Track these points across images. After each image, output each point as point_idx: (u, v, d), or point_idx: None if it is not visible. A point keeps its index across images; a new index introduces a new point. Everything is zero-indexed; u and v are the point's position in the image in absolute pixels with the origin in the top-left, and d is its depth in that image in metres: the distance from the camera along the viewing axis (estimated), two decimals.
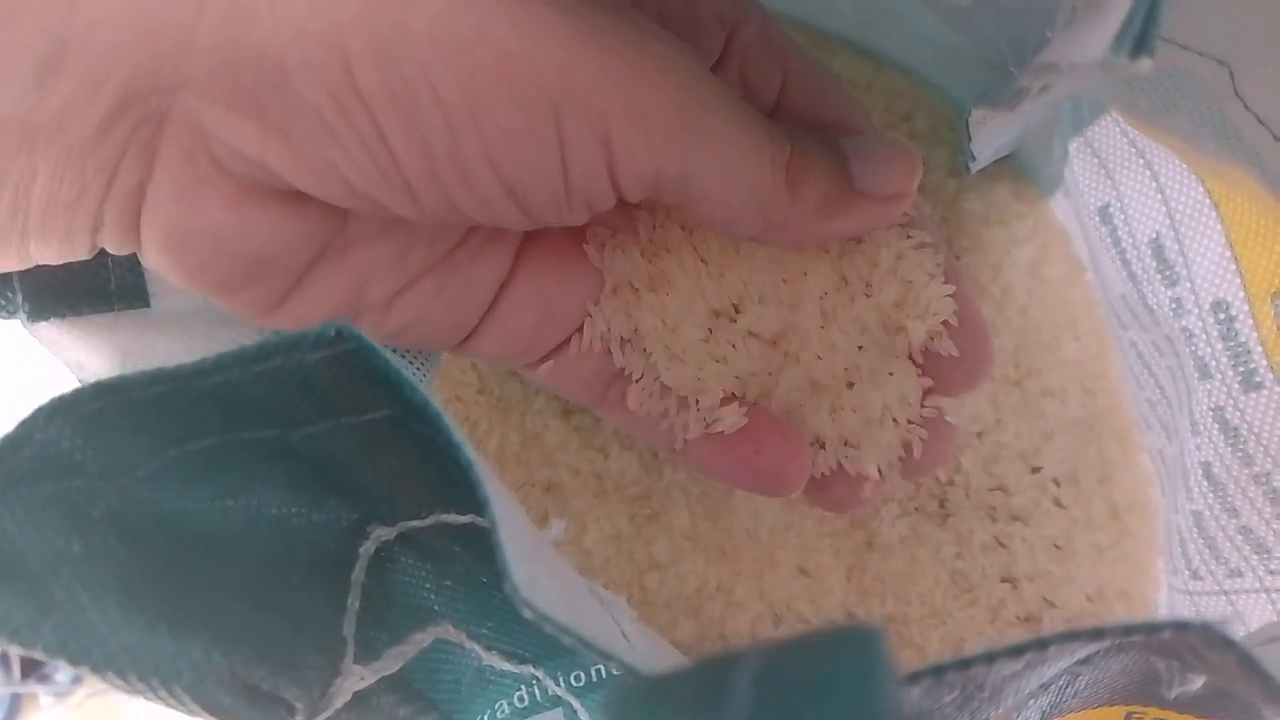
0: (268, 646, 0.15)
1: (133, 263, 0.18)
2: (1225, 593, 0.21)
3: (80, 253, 0.15)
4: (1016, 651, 0.10)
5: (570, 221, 0.16)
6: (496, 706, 0.21)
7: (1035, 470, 0.25)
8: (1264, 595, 0.20)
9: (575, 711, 0.21)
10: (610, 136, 0.14)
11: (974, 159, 0.22)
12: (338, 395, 0.14)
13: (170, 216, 0.15)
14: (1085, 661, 0.14)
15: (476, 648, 0.19)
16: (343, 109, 0.14)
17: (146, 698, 0.14)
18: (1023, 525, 0.25)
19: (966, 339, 0.20)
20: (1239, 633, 0.18)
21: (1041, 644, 0.10)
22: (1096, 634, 0.10)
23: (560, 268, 0.20)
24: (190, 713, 0.14)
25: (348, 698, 0.15)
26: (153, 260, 0.15)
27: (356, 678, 0.16)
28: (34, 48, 0.13)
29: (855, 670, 0.07)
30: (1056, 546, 0.25)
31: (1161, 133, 0.17)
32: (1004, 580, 0.25)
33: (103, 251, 0.15)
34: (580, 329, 0.20)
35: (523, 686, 0.21)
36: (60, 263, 0.15)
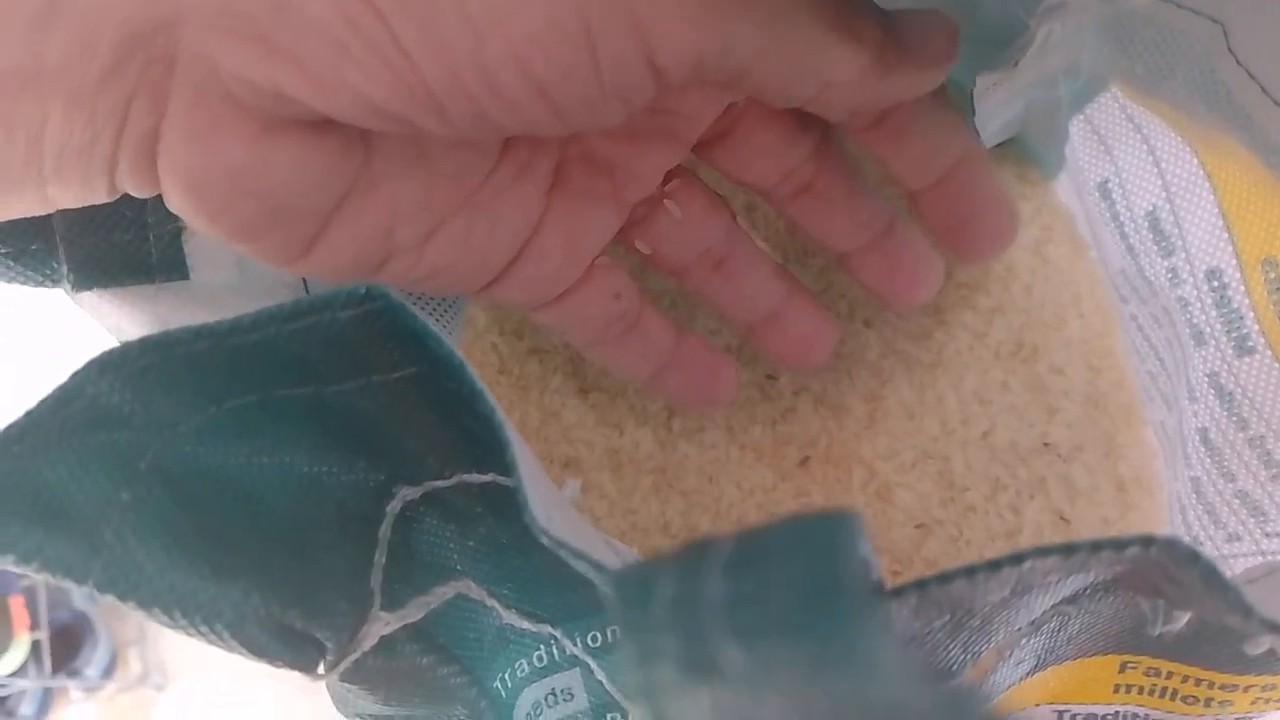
0: (301, 592, 0.16)
1: (173, 236, 0.19)
2: (1224, 558, 0.22)
3: (100, 195, 0.15)
4: (994, 567, 0.10)
5: (607, 120, 0.16)
6: (516, 665, 0.22)
7: (1042, 445, 0.26)
8: (1260, 559, 0.21)
9: (592, 671, 0.22)
10: (641, 19, 0.14)
11: (978, 135, 0.23)
12: (368, 352, 0.15)
13: (187, 158, 0.14)
14: (1073, 601, 0.14)
15: (497, 606, 0.20)
16: (351, 20, 0.13)
17: (189, 634, 0.15)
18: (1029, 499, 0.25)
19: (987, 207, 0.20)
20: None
21: (1017, 559, 0.10)
22: (1068, 549, 0.10)
23: (585, 211, 0.19)
24: (229, 649, 0.15)
25: (374, 641, 0.16)
26: (175, 204, 0.15)
27: (382, 623, 0.17)
28: None
29: (824, 551, 0.07)
30: (1063, 519, 0.25)
31: (1156, 101, 0.18)
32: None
33: (145, 224, 0.16)
34: (591, 267, 0.20)
35: (541, 646, 0.22)
36: (82, 205, 0.15)
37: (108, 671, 0.98)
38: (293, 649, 0.15)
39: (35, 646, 0.93)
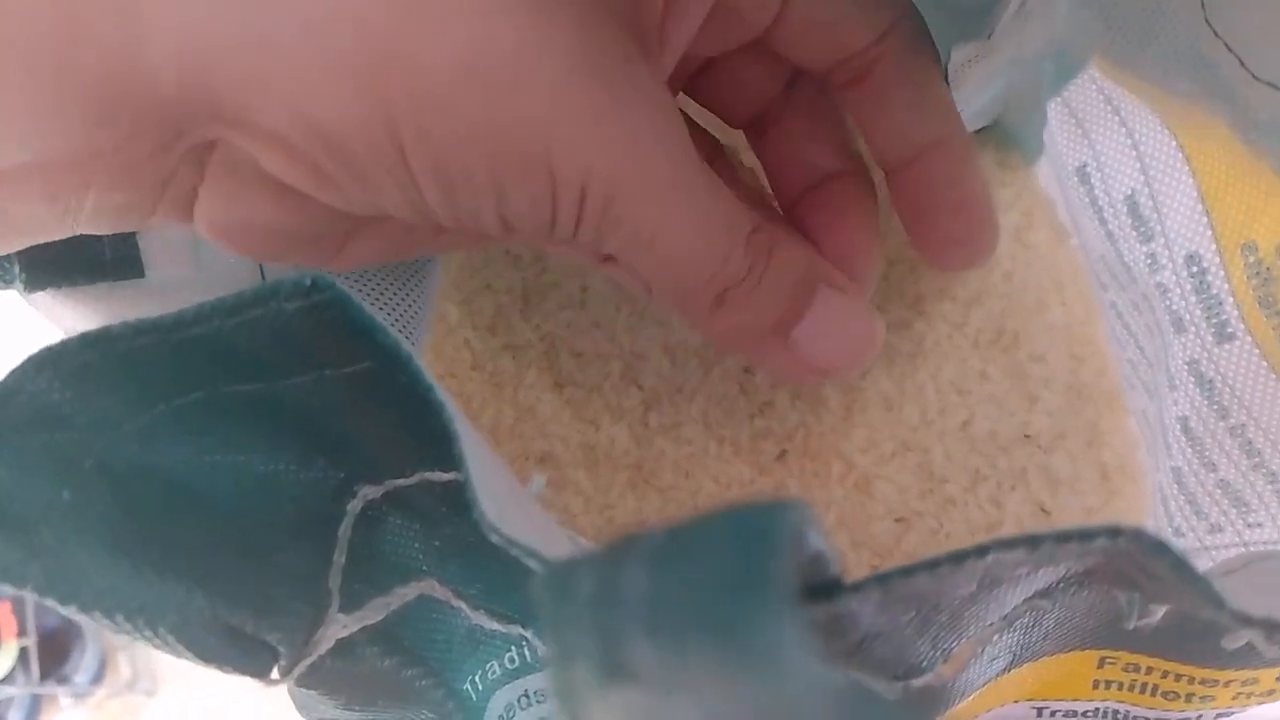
0: (252, 594, 0.15)
1: (127, 234, 0.19)
2: (1206, 549, 0.22)
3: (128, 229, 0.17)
4: (956, 559, 0.10)
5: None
6: (487, 667, 0.21)
7: (1023, 435, 0.25)
8: (1243, 549, 0.21)
9: None
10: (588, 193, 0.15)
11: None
12: (318, 346, 0.14)
13: (224, 214, 0.16)
14: (1046, 595, 0.14)
15: (464, 606, 0.19)
16: (393, 178, 0.15)
17: (133, 638, 0.14)
18: (1010, 490, 0.25)
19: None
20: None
21: (980, 551, 0.10)
22: (1032, 541, 0.10)
23: None
24: (176, 653, 0.14)
25: (331, 644, 0.16)
26: (203, 236, 0.16)
27: (340, 625, 0.16)
28: (93, 97, 0.13)
29: (753, 545, 0.07)
30: (1044, 510, 0.25)
31: (1135, 77, 0.17)
32: None
33: None
34: None
35: (513, 647, 0.21)
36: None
37: (97, 677, 0.97)
38: (242, 652, 0.15)
39: (23, 653, 0.92)
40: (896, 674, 0.14)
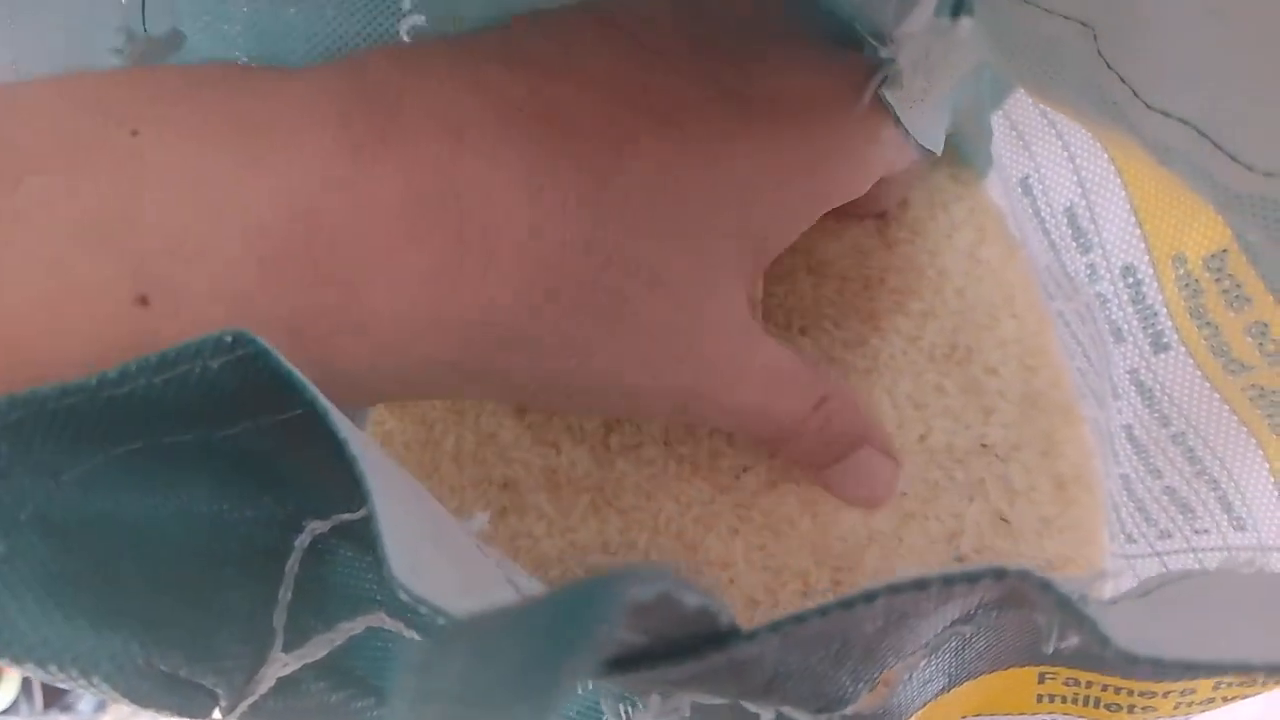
0: (188, 638, 0.16)
1: None
2: (1158, 554, 0.22)
3: None
4: (846, 604, 0.10)
5: None
6: None
7: (979, 447, 0.26)
8: (1191, 555, 0.21)
9: None
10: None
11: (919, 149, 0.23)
12: (249, 398, 0.15)
13: None
14: (968, 620, 0.14)
15: (415, 635, 0.20)
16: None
17: (68, 685, 0.14)
18: (968, 501, 0.25)
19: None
20: (1130, 586, 0.18)
21: (869, 597, 0.10)
22: (920, 585, 0.10)
23: None
24: (114, 699, 0.15)
25: (271, 684, 0.16)
26: None
27: (280, 664, 0.16)
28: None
29: (561, 625, 0.07)
30: (1003, 520, 0.25)
31: (1054, 103, 0.17)
32: (953, 558, 0.25)
33: None
34: None
35: None
36: None
37: (101, 705, 0.98)
38: (178, 697, 0.15)
39: (26, 683, 0.93)
40: (819, 706, 0.14)
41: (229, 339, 0.13)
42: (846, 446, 0.22)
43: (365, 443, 0.13)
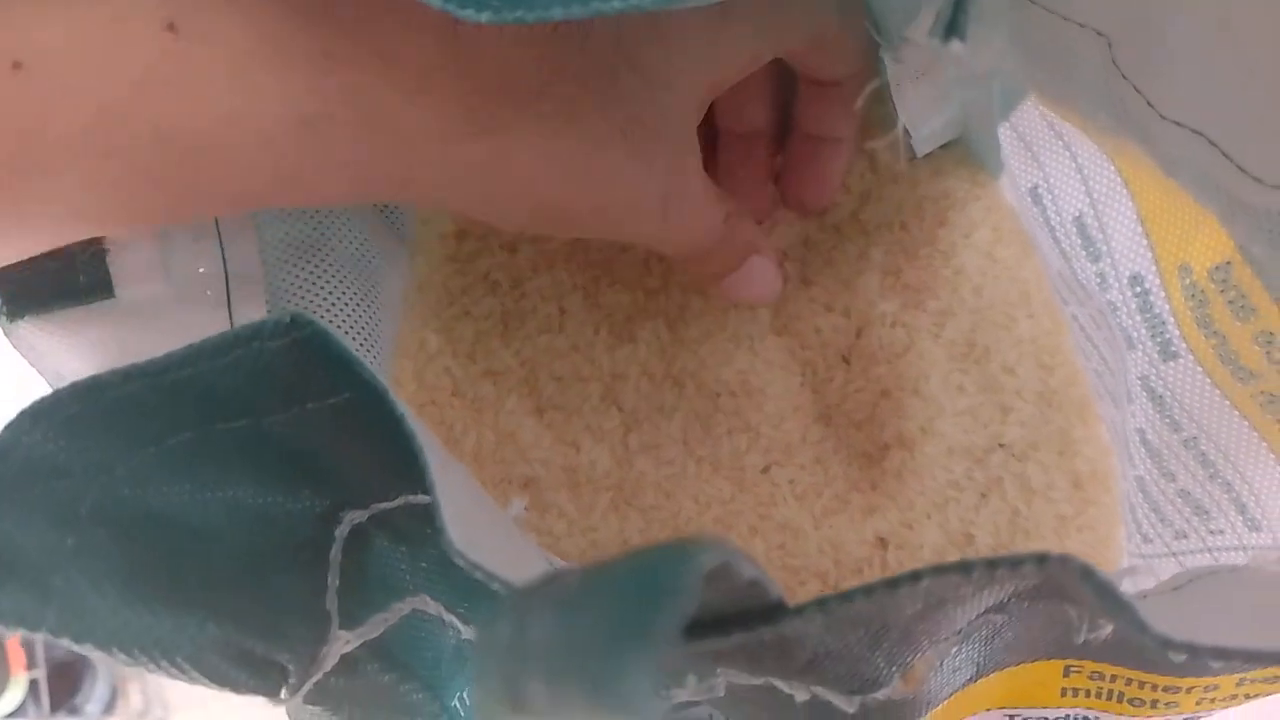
0: (259, 618, 0.16)
1: (97, 256, 0.20)
2: (1174, 554, 0.22)
3: None
4: (891, 585, 0.11)
5: None
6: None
7: (997, 446, 0.26)
8: (1208, 554, 0.21)
9: None
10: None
11: (910, 136, 0.24)
12: (300, 381, 0.15)
13: None
14: (1001, 609, 0.15)
15: (456, 621, 0.20)
16: None
17: (150, 670, 0.15)
18: (984, 499, 0.26)
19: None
20: (1149, 585, 0.19)
21: (915, 577, 0.11)
22: (964, 567, 0.11)
23: None
24: (192, 681, 0.15)
25: (336, 660, 0.17)
26: None
27: (343, 641, 0.17)
28: None
29: (645, 591, 0.08)
30: (1020, 518, 0.26)
31: (1066, 110, 0.18)
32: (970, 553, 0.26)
33: (69, 250, 0.17)
34: None
35: None
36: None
37: (108, 707, 0.98)
38: (255, 674, 0.16)
39: (33, 685, 0.93)
40: (853, 688, 0.14)
41: (288, 319, 0.14)
42: (744, 254, 0.25)
43: (416, 422, 0.14)
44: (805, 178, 0.27)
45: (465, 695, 0.22)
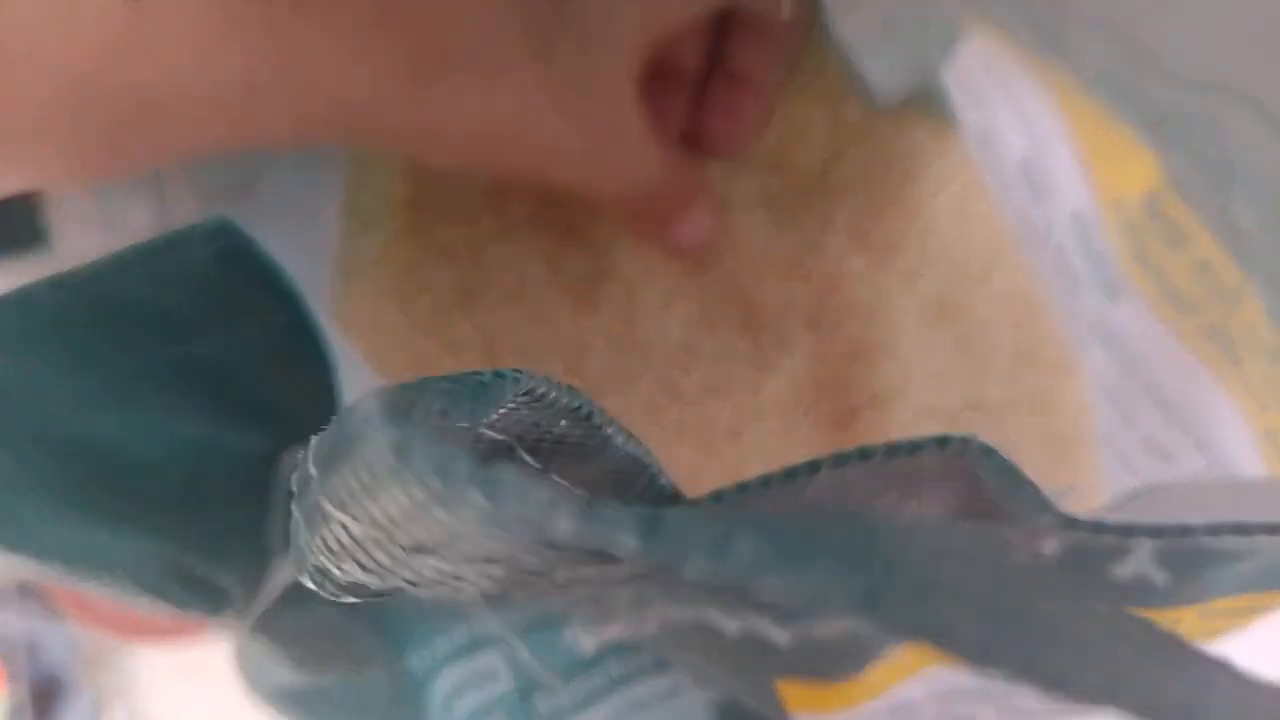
0: (198, 541, 0.17)
1: (33, 209, 0.20)
2: None
3: None
4: (790, 474, 0.11)
5: None
6: (434, 643, 0.22)
7: (971, 406, 0.26)
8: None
9: (514, 649, 0.22)
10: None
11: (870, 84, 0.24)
12: (232, 298, 0.16)
13: None
14: None
15: None
16: None
17: (87, 587, 0.15)
18: None
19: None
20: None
21: (813, 467, 0.11)
22: (864, 453, 0.11)
23: None
24: (131, 599, 0.16)
25: (280, 591, 0.17)
26: None
27: (287, 572, 0.17)
28: None
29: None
30: None
31: (989, 25, 0.18)
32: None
33: (4, 202, 0.17)
34: None
35: (460, 623, 0.22)
36: None
37: (93, 717, 0.98)
38: (196, 593, 0.16)
39: (16, 705, 0.94)
40: (781, 615, 0.14)
41: (216, 223, 0.14)
42: (686, 202, 0.26)
43: (340, 344, 0.14)
44: (717, 117, 0.27)
45: (426, 653, 0.22)
